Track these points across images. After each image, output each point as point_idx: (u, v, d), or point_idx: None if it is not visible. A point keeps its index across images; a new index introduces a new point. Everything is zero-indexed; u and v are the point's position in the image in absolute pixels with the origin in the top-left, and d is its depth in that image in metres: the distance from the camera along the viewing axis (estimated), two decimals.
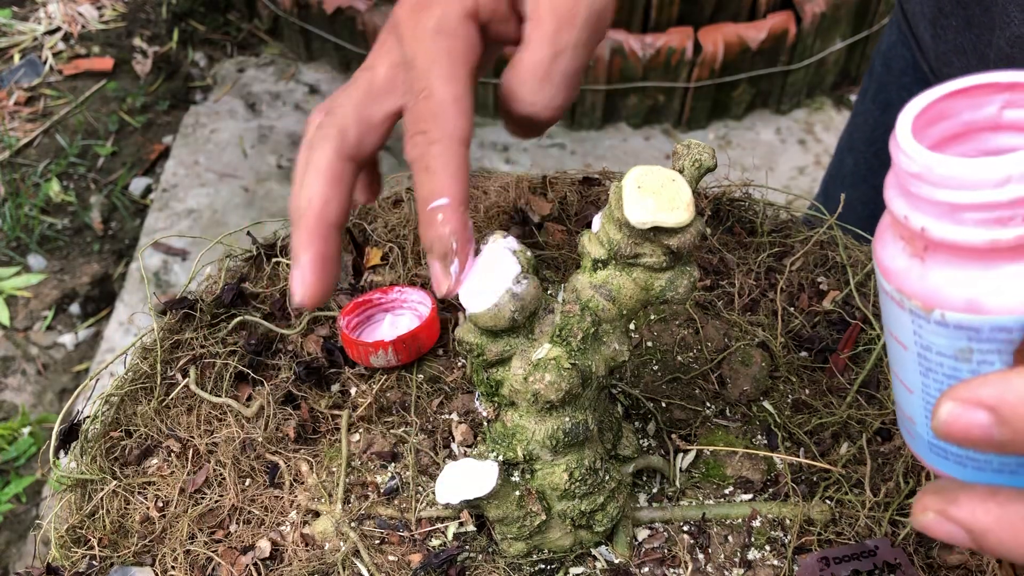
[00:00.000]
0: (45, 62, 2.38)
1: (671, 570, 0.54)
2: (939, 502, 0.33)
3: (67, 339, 1.86)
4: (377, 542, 0.55)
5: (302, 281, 0.48)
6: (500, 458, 0.51)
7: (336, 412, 0.62)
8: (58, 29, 2.46)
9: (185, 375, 0.64)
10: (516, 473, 0.51)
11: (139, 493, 0.58)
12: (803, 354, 0.66)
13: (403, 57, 0.48)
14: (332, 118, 0.49)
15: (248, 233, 0.74)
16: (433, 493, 0.56)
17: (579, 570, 0.54)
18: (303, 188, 0.48)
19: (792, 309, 0.69)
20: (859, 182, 0.96)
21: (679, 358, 0.66)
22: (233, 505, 0.57)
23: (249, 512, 0.57)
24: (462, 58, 0.47)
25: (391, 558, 0.54)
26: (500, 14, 0.50)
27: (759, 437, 0.61)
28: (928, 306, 0.33)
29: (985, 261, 0.32)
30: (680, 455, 0.60)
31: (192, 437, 0.60)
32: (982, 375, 0.30)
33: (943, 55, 0.73)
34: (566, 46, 0.48)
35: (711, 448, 0.60)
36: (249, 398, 0.63)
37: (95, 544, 0.56)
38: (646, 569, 0.54)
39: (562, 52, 0.48)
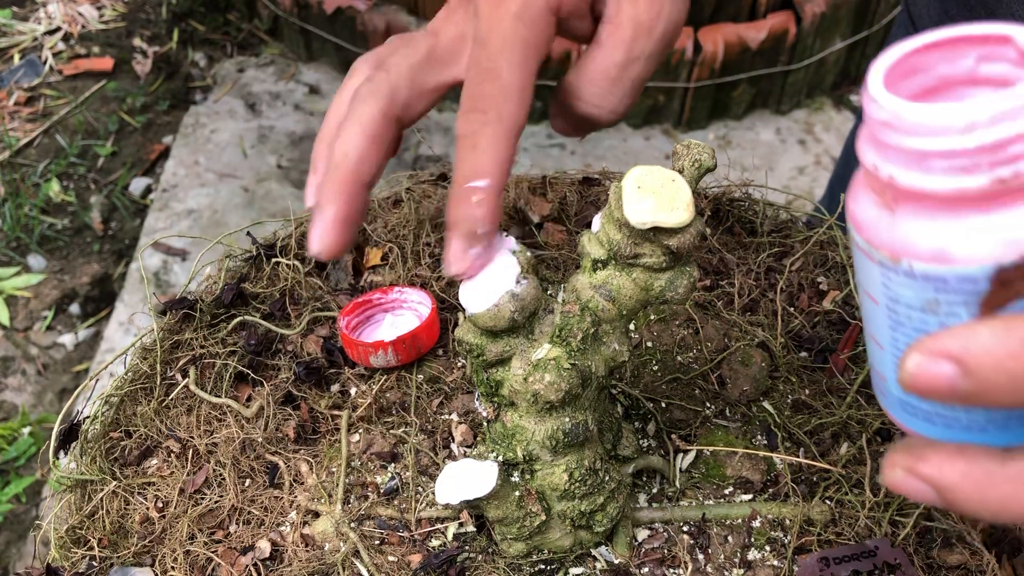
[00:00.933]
0: (45, 62, 2.38)
1: (671, 570, 0.54)
2: (907, 459, 0.33)
3: (67, 339, 1.86)
4: (377, 542, 0.55)
5: (322, 234, 0.48)
6: (500, 458, 0.51)
7: (336, 412, 0.62)
8: (58, 29, 2.46)
9: (185, 375, 0.64)
10: (516, 473, 0.51)
11: (139, 494, 0.58)
12: (803, 354, 0.66)
13: (475, 32, 0.48)
14: (385, 75, 0.49)
15: (248, 233, 0.74)
16: (433, 493, 0.56)
17: (579, 570, 0.54)
18: (342, 140, 0.48)
19: (792, 309, 0.69)
20: None
21: (679, 358, 0.66)
22: (233, 505, 0.57)
23: (249, 512, 0.57)
24: (535, 49, 0.47)
25: (391, 558, 0.54)
26: (579, 11, 0.50)
27: (759, 437, 0.61)
28: (896, 256, 0.33)
29: (952, 211, 0.31)
30: (680, 455, 0.60)
31: (192, 437, 0.60)
32: (949, 328, 0.30)
33: None
34: (640, 55, 0.48)
35: (711, 448, 0.60)
36: (249, 398, 0.63)
37: (95, 545, 0.56)
38: (646, 569, 0.54)
39: (635, 60, 0.48)
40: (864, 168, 0.34)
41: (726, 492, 0.59)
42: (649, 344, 0.67)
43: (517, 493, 0.51)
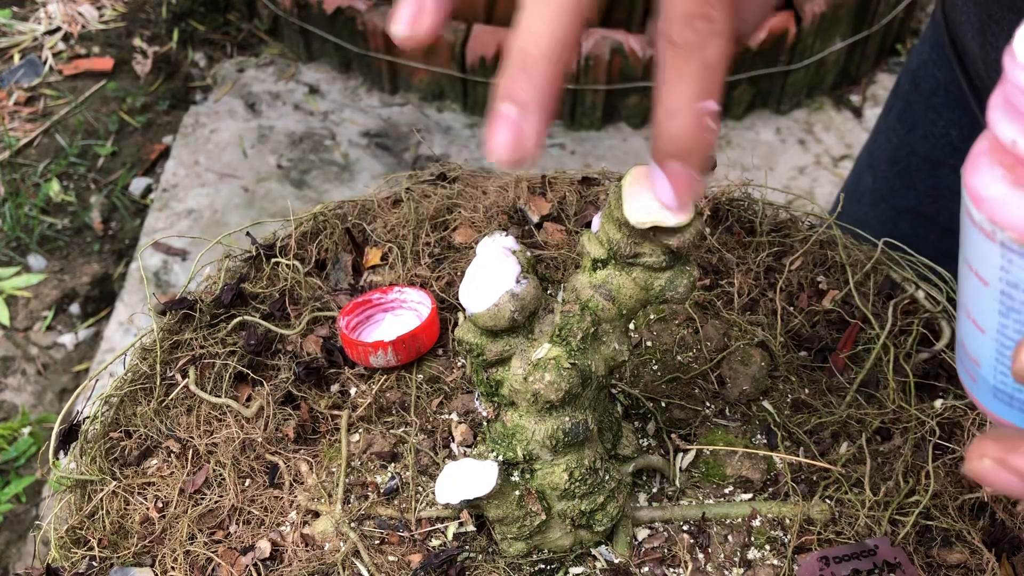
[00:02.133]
0: (45, 62, 2.38)
1: (671, 570, 0.54)
2: (999, 450, 0.32)
3: (67, 339, 1.86)
4: (377, 542, 0.55)
5: (524, 140, 0.39)
6: (500, 458, 0.51)
7: (336, 412, 0.62)
8: (58, 29, 2.46)
9: (184, 375, 0.64)
10: (516, 473, 0.51)
11: (139, 494, 0.58)
12: (802, 353, 0.66)
13: None
14: None
15: (247, 233, 0.74)
16: (433, 493, 0.56)
17: (579, 570, 0.54)
18: (547, 20, 0.39)
19: (791, 308, 0.69)
20: (878, 201, 0.94)
21: (679, 358, 0.66)
22: (233, 506, 0.57)
23: (249, 512, 0.57)
24: None
25: (391, 558, 0.54)
26: None
27: (759, 436, 0.61)
28: None
29: None
30: (680, 455, 0.60)
31: (192, 437, 0.60)
32: None
33: (994, 63, 0.71)
34: None
35: (711, 448, 0.60)
36: (249, 398, 0.63)
37: (95, 545, 0.56)
38: (646, 569, 0.54)
39: None
40: (995, 140, 0.31)
41: (726, 491, 0.59)
42: (649, 343, 0.67)
43: (517, 493, 0.51)
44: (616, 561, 0.55)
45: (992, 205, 0.32)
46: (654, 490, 0.59)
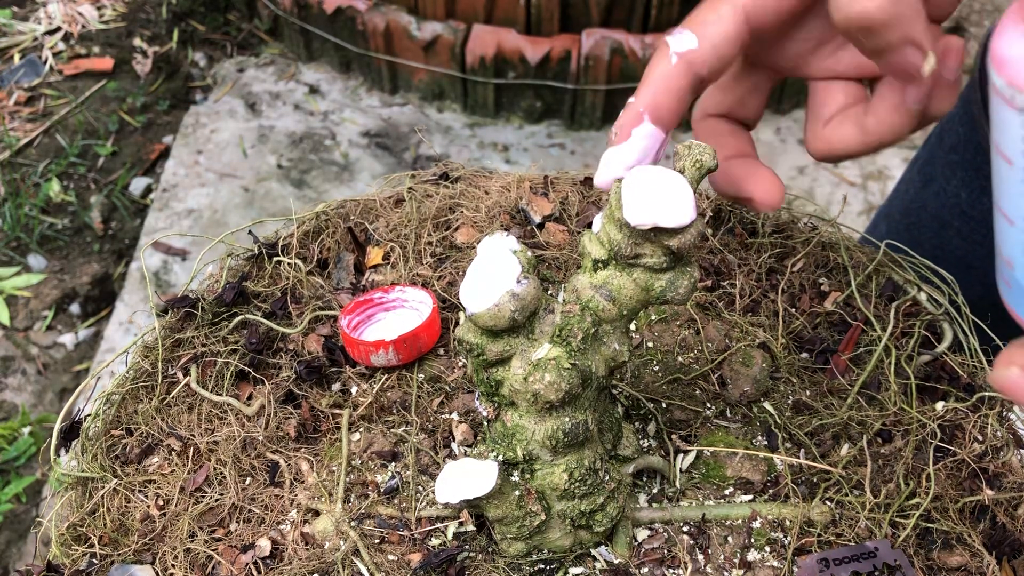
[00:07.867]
0: (45, 62, 2.38)
1: (671, 570, 0.54)
2: None
3: (67, 339, 1.86)
4: (377, 541, 0.55)
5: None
6: (500, 458, 0.51)
7: (337, 411, 0.62)
8: (58, 29, 2.46)
9: (186, 374, 0.64)
10: (516, 473, 0.51)
11: (140, 491, 0.58)
12: (804, 355, 0.66)
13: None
14: None
15: (250, 232, 0.74)
16: (433, 493, 0.56)
17: (579, 570, 0.54)
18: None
19: (793, 310, 0.69)
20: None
21: (680, 359, 0.66)
22: (233, 504, 0.57)
23: (249, 511, 0.57)
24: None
25: (391, 557, 0.54)
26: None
27: (759, 438, 0.61)
28: None
29: None
30: (680, 456, 0.60)
31: (193, 436, 0.60)
32: None
33: None
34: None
35: (711, 449, 0.60)
36: (250, 397, 0.63)
37: (95, 542, 0.56)
38: (646, 569, 0.54)
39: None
40: None
41: (726, 493, 0.59)
42: (650, 344, 0.67)
43: (517, 493, 0.51)
44: (616, 562, 0.55)
45: (1012, 66, 0.29)
46: (654, 491, 0.59)
